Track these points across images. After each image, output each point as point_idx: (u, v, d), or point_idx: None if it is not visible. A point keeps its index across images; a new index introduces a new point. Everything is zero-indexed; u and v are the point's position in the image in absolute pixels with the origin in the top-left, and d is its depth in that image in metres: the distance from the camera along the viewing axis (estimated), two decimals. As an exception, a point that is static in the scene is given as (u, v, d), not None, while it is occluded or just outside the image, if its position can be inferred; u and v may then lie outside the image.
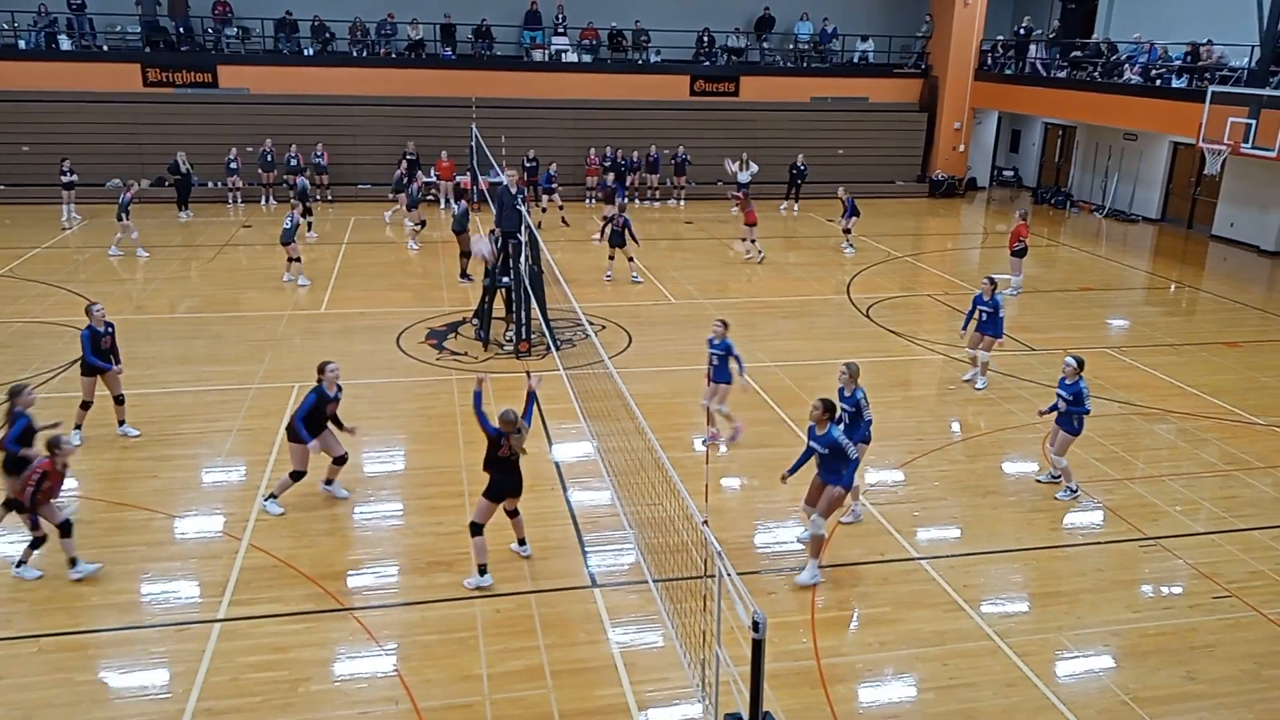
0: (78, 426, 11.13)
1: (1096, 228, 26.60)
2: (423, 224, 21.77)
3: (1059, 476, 10.68)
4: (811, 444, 8.75)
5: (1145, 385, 13.99)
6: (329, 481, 10.12)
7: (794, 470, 8.98)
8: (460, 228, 18.44)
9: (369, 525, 9.72)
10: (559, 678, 7.45)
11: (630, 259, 18.76)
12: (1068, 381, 10.36)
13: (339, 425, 9.98)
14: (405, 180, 23.25)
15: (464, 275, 18.61)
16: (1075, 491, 10.55)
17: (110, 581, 8.53)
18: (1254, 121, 18.90)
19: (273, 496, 9.80)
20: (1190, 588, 8.90)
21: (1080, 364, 10.34)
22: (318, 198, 25.71)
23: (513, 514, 8.88)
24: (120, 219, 19.60)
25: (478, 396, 8.61)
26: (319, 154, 25.73)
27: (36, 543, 8.43)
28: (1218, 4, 23.43)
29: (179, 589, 8.48)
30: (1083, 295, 19.26)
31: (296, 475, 9.70)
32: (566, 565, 9.01)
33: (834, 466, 8.64)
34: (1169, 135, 25.57)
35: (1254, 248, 23.48)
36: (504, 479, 8.55)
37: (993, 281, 13.49)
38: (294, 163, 25.46)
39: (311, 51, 27.57)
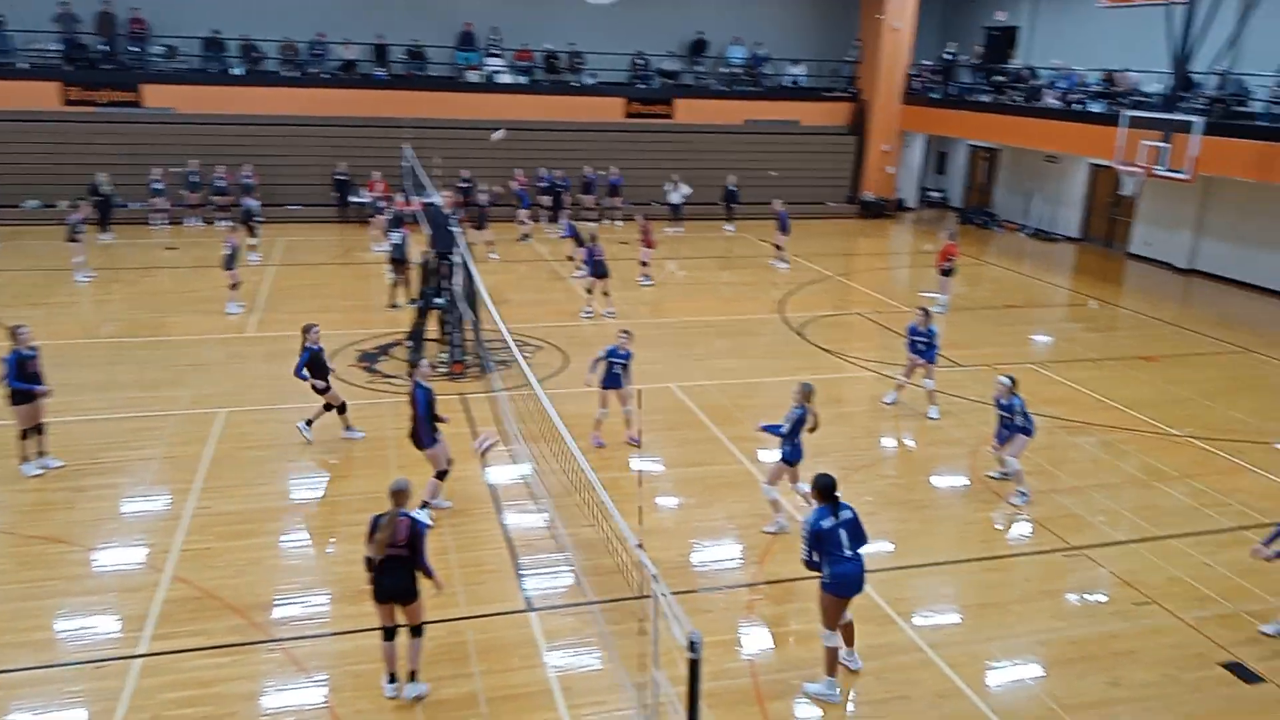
0: (26, 459, 10.78)
1: (1020, 247, 27.34)
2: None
3: (1006, 475, 10.98)
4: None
5: (1068, 400, 14.37)
6: (309, 423, 11.69)
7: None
8: (400, 255, 18.08)
9: (297, 554, 9.51)
10: (494, 704, 7.34)
11: (606, 293, 18.14)
12: (1003, 400, 10.67)
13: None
14: (380, 203, 23.08)
15: (394, 305, 18.20)
16: (1027, 496, 10.80)
17: (23, 619, 8.19)
18: (1166, 145, 19.63)
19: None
20: (1113, 595, 9.14)
21: (1013, 382, 10.74)
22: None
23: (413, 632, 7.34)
24: (74, 240, 19.14)
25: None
26: (248, 175, 25.25)
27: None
28: (1131, 33, 24.35)
29: (96, 624, 8.18)
30: (1008, 312, 19.75)
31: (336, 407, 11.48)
32: (501, 589, 8.90)
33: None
34: (1087, 158, 26.44)
35: (1169, 265, 24.36)
36: (385, 578, 7.13)
37: (926, 312, 13.59)
38: (220, 184, 24.97)
39: (240, 71, 27.12)
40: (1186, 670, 7.99)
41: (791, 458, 9.85)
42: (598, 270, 17.95)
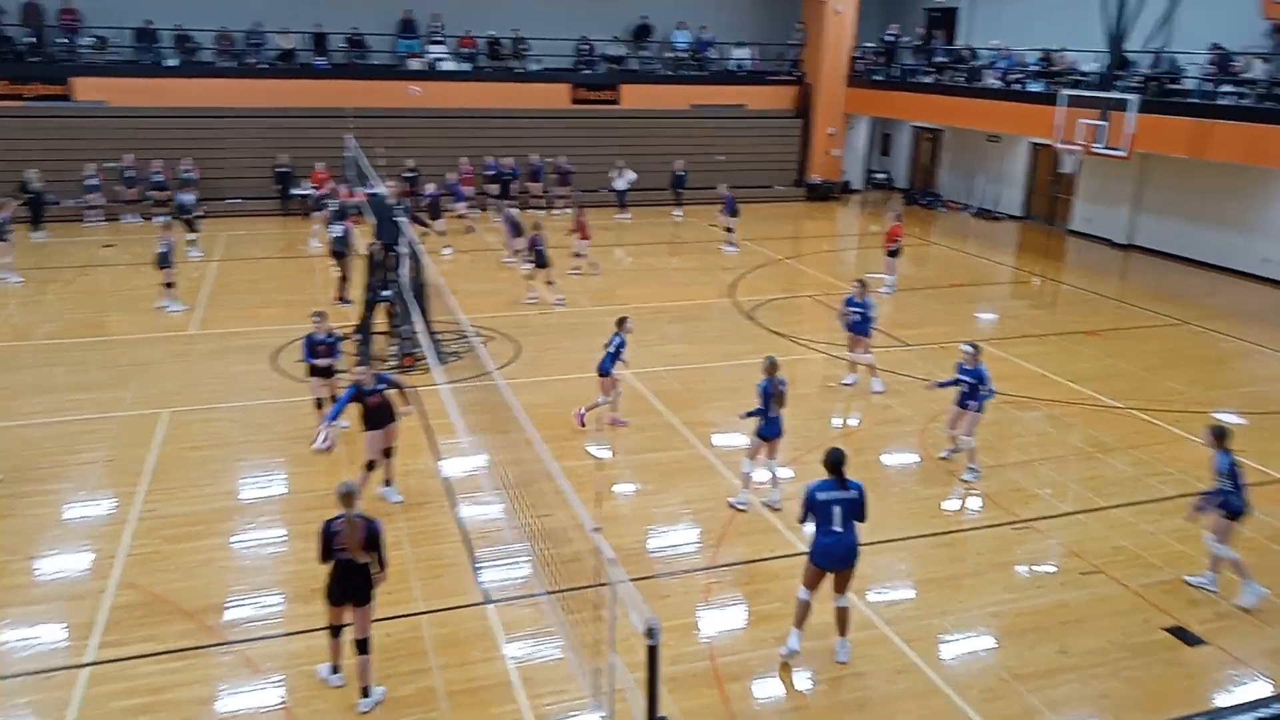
0: None
1: (964, 226, 27.73)
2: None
3: (957, 450, 11.16)
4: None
5: (1014, 375, 14.63)
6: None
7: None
8: (341, 249, 17.80)
9: (248, 554, 9.35)
10: (454, 698, 7.31)
11: (548, 281, 18.22)
12: (967, 366, 10.90)
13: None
14: (321, 196, 22.67)
15: (342, 299, 17.90)
16: (978, 472, 10.99)
17: (-36, 630, 7.97)
18: (1104, 123, 20.00)
19: None
20: (1061, 566, 9.34)
21: (976, 349, 11.02)
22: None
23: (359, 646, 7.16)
24: (1, 240, 18.58)
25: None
26: (188, 168, 24.65)
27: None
28: (1068, 13, 24.70)
29: (42, 634, 7.97)
30: (954, 291, 20.04)
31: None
32: (458, 583, 8.85)
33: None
34: (1028, 137, 26.86)
35: (1108, 241, 24.88)
36: (341, 580, 7.08)
37: (862, 283, 13.80)
38: (158, 178, 24.37)
39: (175, 62, 26.45)
40: (1132, 636, 8.21)
41: (764, 432, 10.00)
42: (540, 260, 17.91)
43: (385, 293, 14.50)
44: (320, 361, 11.56)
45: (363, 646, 7.13)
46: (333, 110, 26.17)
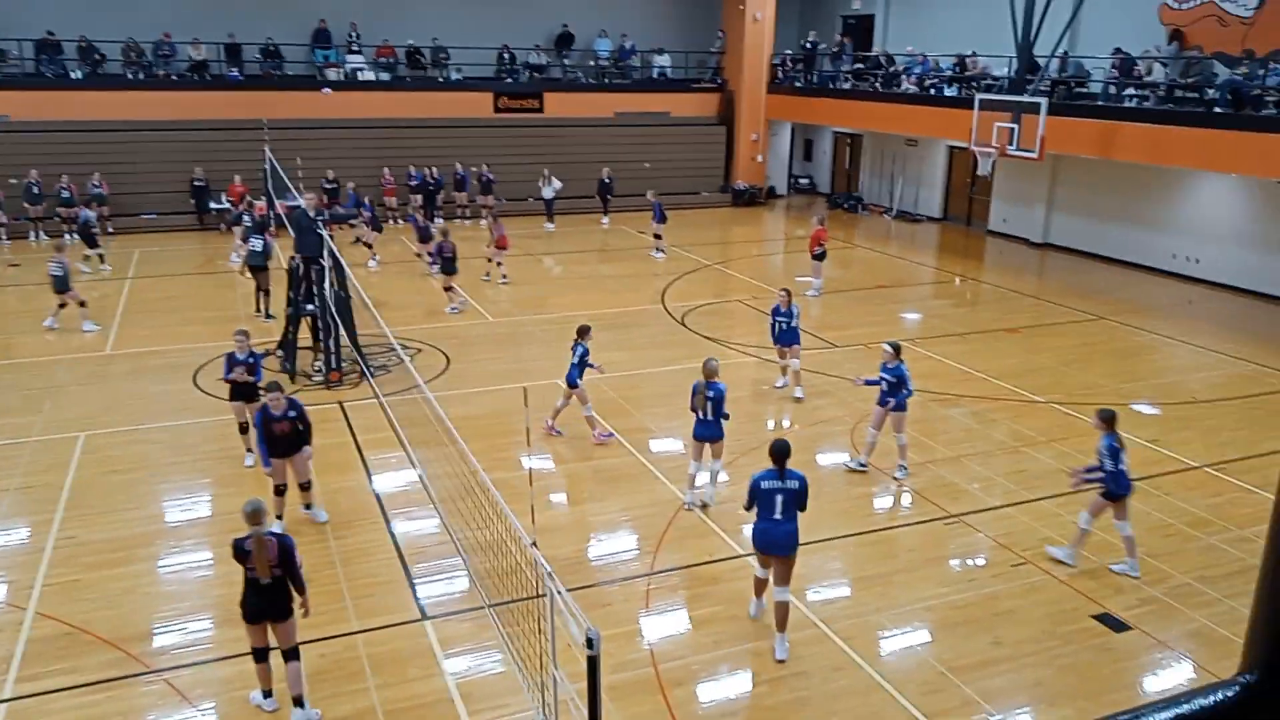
0: None
1: (886, 229, 28.30)
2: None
3: (865, 467, 11.31)
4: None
5: (938, 373, 14.96)
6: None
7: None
8: (261, 263, 17.36)
9: (173, 579, 9.05)
10: (393, 717, 7.16)
11: (449, 288, 18.18)
12: (889, 365, 11.03)
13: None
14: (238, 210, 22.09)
15: (265, 314, 17.49)
16: (906, 469, 11.16)
17: None
18: (1016, 126, 20.60)
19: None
20: (991, 559, 9.56)
21: (897, 348, 11.15)
22: (105, 230, 23.87)
23: (286, 655, 7.07)
24: None
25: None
26: (97, 183, 23.84)
27: None
28: (980, 19, 25.42)
29: (-47, 671, 7.61)
30: (878, 292, 20.42)
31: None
32: (394, 600, 8.69)
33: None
34: (945, 140, 27.56)
35: (1025, 240, 25.63)
36: (255, 598, 6.96)
37: (788, 292, 13.80)
38: (65, 194, 23.51)
39: (80, 74, 25.57)
40: (1061, 624, 8.43)
41: (698, 434, 10.20)
42: (446, 267, 17.92)
43: (309, 307, 14.21)
44: (239, 378, 11.11)
45: (290, 655, 6.99)
46: (248, 122, 25.50)
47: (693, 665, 7.83)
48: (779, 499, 7.87)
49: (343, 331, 14.09)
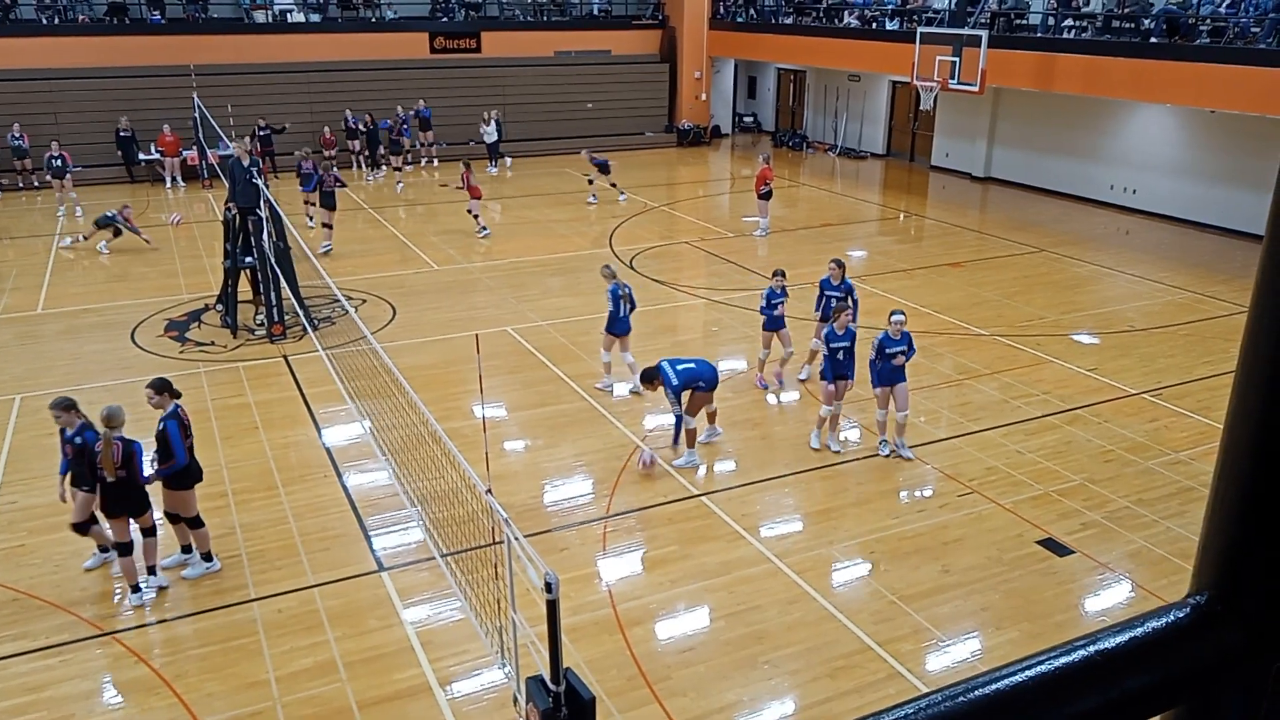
0: None
1: (831, 166, 28.33)
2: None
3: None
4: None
5: (884, 309, 15.05)
6: None
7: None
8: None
9: (123, 540, 8.89)
10: (353, 668, 7.18)
11: (327, 225, 17.93)
12: (834, 281, 11.73)
13: None
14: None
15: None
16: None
17: None
18: (957, 59, 20.64)
19: None
20: (939, 489, 9.78)
21: (841, 265, 11.93)
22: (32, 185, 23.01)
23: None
24: None
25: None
26: (17, 136, 22.87)
27: None
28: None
29: (-104, 643, 7.44)
30: (825, 230, 20.49)
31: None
32: (349, 553, 8.66)
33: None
34: (887, 75, 27.52)
35: (967, 174, 25.85)
36: (113, 499, 7.77)
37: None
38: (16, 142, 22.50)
39: (-10, 20, 24.37)
40: (1007, 551, 8.68)
41: (617, 330, 11.71)
42: (325, 200, 17.71)
43: (247, 259, 13.87)
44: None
45: (147, 532, 7.89)
46: (175, 68, 24.59)
47: (650, 604, 7.94)
48: (691, 364, 10.15)
49: (284, 283, 13.79)
